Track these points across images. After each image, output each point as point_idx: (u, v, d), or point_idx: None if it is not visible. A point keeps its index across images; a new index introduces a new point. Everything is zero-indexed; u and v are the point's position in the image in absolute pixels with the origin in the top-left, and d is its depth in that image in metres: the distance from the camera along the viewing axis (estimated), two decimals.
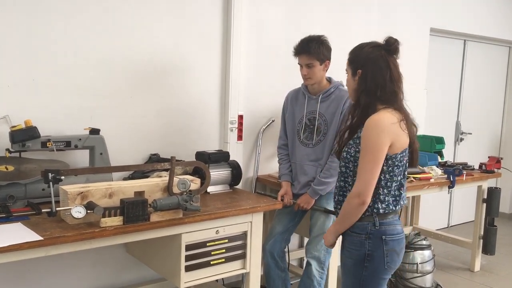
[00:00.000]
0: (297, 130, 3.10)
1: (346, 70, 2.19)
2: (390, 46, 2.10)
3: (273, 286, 3.10)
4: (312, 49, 2.88)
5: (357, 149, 2.05)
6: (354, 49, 2.17)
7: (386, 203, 2.06)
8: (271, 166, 3.78)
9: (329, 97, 3.00)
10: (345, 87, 3.02)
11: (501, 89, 6.25)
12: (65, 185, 2.30)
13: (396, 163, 2.04)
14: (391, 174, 2.04)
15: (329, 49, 2.96)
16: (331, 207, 2.99)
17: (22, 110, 2.68)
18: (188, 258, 2.51)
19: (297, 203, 3.03)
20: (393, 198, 2.08)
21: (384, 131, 1.97)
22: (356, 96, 2.13)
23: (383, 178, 2.03)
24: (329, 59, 2.96)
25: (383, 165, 2.00)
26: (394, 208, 2.08)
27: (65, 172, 2.28)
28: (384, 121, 1.99)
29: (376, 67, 2.07)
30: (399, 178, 2.07)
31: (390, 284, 3.78)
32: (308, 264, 3.02)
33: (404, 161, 2.08)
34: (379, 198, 2.04)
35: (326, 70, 2.99)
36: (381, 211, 2.05)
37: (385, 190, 2.05)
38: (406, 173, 2.13)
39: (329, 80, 3.06)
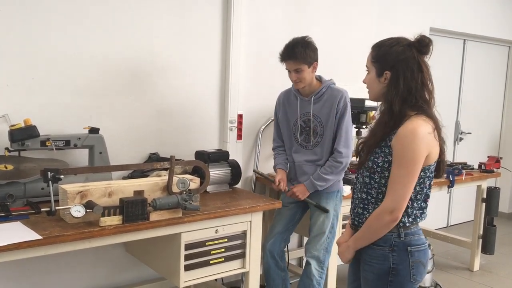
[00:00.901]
0: (293, 132, 3.08)
1: (367, 67, 1.99)
2: (423, 47, 1.90)
3: (273, 285, 3.10)
4: (299, 54, 2.82)
5: (385, 159, 1.88)
6: (380, 45, 1.95)
7: (413, 216, 1.94)
8: (271, 166, 3.76)
9: (321, 98, 2.96)
10: (336, 86, 2.98)
11: (501, 88, 6.26)
12: (64, 184, 2.30)
13: (428, 174, 1.91)
14: (422, 186, 1.91)
15: (315, 50, 2.90)
16: (330, 206, 3.00)
17: (21, 109, 2.68)
18: (187, 257, 2.51)
19: (292, 190, 2.99)
20: (421, 211, 1.97)
21: (423, 141, 1.80)
22: (384, 100, 1.94)
23: (413, 191, 1.88)
24: (316, 60, 2.90)
25: None
26: (419, 220, 1.97)
27: (64, 171, 2.28)
28: (420, 130, 1.81)
29: (409, 70, 1.87)
30: (427, 190, 1.96)
31: None
32: (308, 263, 3.01)
33: (434, 172, 1.95)
34: (406, 212, 1.90)
35: (315, 71, 2.94)
36: (407, 224, 1.92)
37: (414, 204, 1.92)
38: (432, 183, 1.98)
39: (319, 79, 3.01)
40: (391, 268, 1.90)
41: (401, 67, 1.88)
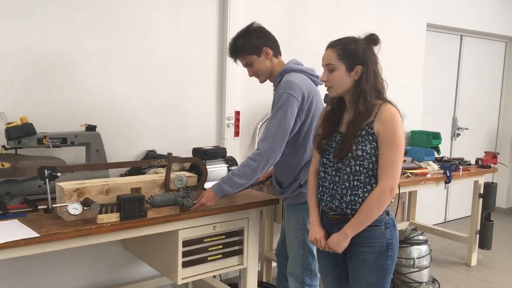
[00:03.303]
0: None
1: (331, 65, 2.07)
2: (376, 43, 2.11)
3: None
4: (241, 47, 2.55)
5: (371, 145, 2.03)
6: (344, 43, 2.07)
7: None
8: None
9: (277, 90, 2.57)
10: (293, 73, 2.51)
11: (498, 84, 6.26)
12: (61, 181, 2.30)
13: None
14: None
15: (261, 36, 2.55)
16: (293, 220, 2.64)
17: (17, 106, 2.67)
18: (185, 254, 2.51)
19: (199, 199, 2.47)
20: None
21: (402, 124, 2.04)
22: (357, 93, 2.05)
23: None
24: (266, 45, 2.55)
25: None
26: None
27: (61, 169, 2.27)
28: (398, 115, 2.04)
29: (374, 63, 2.07)
30: None
31: None
32: (288, 280, 2.75)
33: None
34: None
35: (271, 57, 2.57)
36: (391, 201, 2.10)
37: None
38: None
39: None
40: (388, 244, 2.09)
41: (370, 61, 2.05)
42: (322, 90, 2.50)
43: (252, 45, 2.53)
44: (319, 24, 4.00)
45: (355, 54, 2.05)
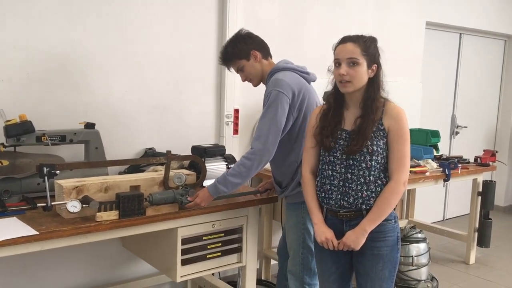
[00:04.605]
0: None
1: (357, 59, 2.05)
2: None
3: None
4: (230, 54, 2.60)
5: (383, 141, 2.08)
6: (365, 40, 2.10)
7: None
8: None
9: (266, 89, 2.59)
10: (282, 72, 2.51)
11: (497, 82, 6.27)
12: (60, 179, 2.30)
13: None
14: None
15: (247, 40, 2.60)
16: (292, 219, 2.63)
17: (16, 104, 2.67)
18: (184, 252, 2.51)
19: (194, 199, 2.44)
20: None
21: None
22: (370, 90, 2.10)
23: None
24: (254, 48, 2.58)
25: None
26: None
27: (60, 167, 2.27)
28: (404, 111, 2.13)
29: (381, 63, 2.15)
30: None
31: None
32: (288, 278, 2.74)
33: None
34: None
35: (260, 60, 2.60)
36: None
37: None
38: None
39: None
40: (398, 237, 2.17)
41: (380, 61, 2.12)
42: (318, 88, 2.51)
43: (240, 50, 2.58)
44: (318, 22, 3.99)
45: (374, 52, 2.10)
